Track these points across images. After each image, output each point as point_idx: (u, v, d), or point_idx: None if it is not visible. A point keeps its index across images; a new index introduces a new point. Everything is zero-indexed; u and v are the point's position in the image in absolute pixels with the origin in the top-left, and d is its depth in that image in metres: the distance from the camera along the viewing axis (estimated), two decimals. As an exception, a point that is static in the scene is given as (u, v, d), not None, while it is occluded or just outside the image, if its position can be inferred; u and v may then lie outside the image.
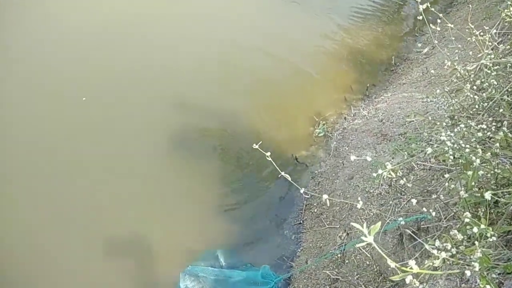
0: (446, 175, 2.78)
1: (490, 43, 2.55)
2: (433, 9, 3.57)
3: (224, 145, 4.75)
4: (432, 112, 4.07)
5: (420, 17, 2.62)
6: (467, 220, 1.70)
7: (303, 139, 4.83)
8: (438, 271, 1.59)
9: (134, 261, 3.90)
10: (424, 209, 2.88)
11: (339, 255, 3.53)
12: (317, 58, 5.71)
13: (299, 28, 6.13)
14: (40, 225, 4.06)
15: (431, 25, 3.17)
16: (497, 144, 2.00)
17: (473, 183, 1.92)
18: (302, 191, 2.58)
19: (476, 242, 1.61)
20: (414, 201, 2.04)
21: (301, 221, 4.01)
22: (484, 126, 2.25)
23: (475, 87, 2.47)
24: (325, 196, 2.63)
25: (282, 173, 2.65)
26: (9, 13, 6.05)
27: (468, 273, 1.54)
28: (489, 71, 2.48)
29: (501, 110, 2.38)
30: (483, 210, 1.92)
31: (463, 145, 2.08)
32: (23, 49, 5.64)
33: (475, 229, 1.64)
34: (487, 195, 1.75)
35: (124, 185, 4.38)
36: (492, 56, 2.54)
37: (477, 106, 2.56)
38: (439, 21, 2.63)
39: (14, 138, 4.70)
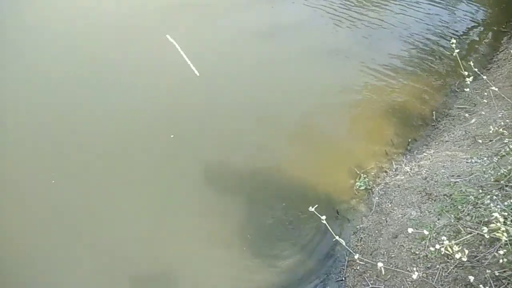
0: (501, 252, 2.79)
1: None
2: (473, 66, 3.71)
3: (260, 194, 4.81)
4: (478, 174, 4.07)
5: (464, 73, 2.72)
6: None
7: (343, 191, 4.86)
8: None
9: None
10: (472, 277, 2.87)
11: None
12: (357, 109, 5.84)
13: (340, 78, 6.31)
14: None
15: (471, 80, 3.27)
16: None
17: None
18: (356, 257, 2.65)
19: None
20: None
21: (343, 278, 4.00)
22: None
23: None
24: (380, 264, 2.68)
25: (337, 237, 2.73)
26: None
27: None
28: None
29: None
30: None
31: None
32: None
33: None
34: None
35: (154, 222, 4.57)
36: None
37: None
38: (480, 77, 2.72)
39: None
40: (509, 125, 4.46)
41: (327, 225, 2.63)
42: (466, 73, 3.29)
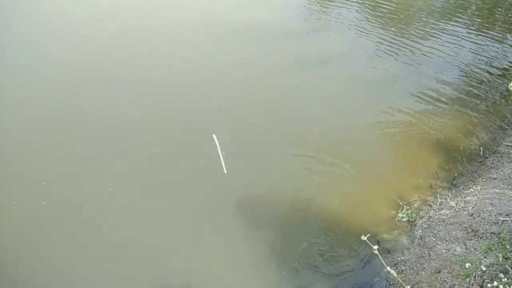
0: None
1: None
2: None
3: (299, 222, 4.78)
4: (529, 214, 3.97)
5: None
6: None
7: (385, 221, 4.84)
8: None
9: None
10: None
11: None
12: (402, 140, 5.86)
13: (387, 108, 6.36)
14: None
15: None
16: None
17: None
18: None
19: None
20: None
21: (384, 310, 3.96)
22: None
23: None
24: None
25: (388, 268, 2.76)
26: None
27: None
28: None
29: None
30: None
31: None
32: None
33: None
34: None
35: (187, 244, 4.57)
36: None
37: None
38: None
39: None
40: None
41: (378, 255, 2.68)
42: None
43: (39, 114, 6.28)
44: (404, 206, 4.89)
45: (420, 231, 4.52)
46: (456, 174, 5.23)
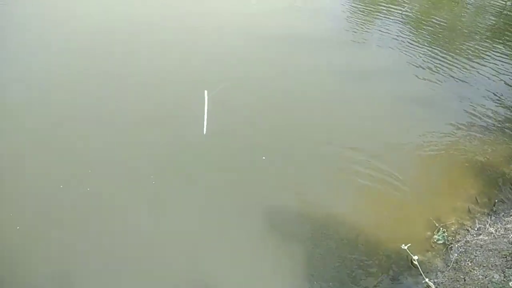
0: None
1: None
2: None
3: (331, 237, 4.76)
4: None
5: None
6: None
7: (419, 242, 4.76)
8: None
9: None
10: None
11: None
12: (442, 160, 5.77)
13: (427, 127, 6.28)
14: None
15: None
16: None
17: None
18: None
19: None
20: None
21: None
22: None
23: None
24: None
25: (426, 280, 2.76)
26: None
27: None
28: None
29: None
30: None
31: None
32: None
33: None
34: None
35: (213, 257, 4.55)
36: None
37: None
38: None
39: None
40: None
41: (418, 266, 2.70)
42: None
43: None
44: (441, 228, 4.82)
45: (456, 255, 4.45)
46: (496, 200, 5.11)
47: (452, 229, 4.86)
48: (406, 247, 2.42)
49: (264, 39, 8.50)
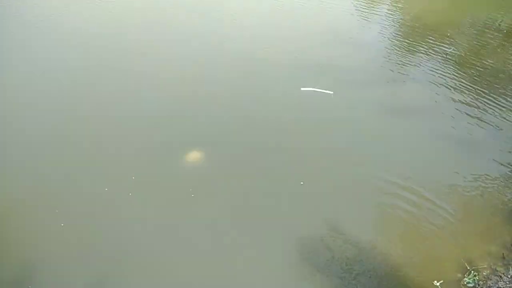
0: None
1: None
2: None
3: (357, 264, 4.87)
4: None
5: None
6: None
7: (449, 283, 4.77)
8: None
9: None
10: None
11: None
12: (477, 204, 5.73)
13: (465, 170, 6.26)
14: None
15: None
16: None
17: None
18: None
19: None
20: None
21: None
22: None
23: None
24: None
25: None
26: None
27: None
28: None
29: None
30: None
31: None
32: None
33: None
34: None
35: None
36: None
37: None
38: None
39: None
40: None
41: None
42: None
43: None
44: (472, 271, 4.81)
45: (486, 300, 4.43)
46: (533, 250, 5.04)
47: (484, 273, 4.83)
48: (438, 284, 2.51)
49: (303, 68, 8.81)
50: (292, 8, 12.21)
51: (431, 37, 10.49)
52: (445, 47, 10.01)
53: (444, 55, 9.61)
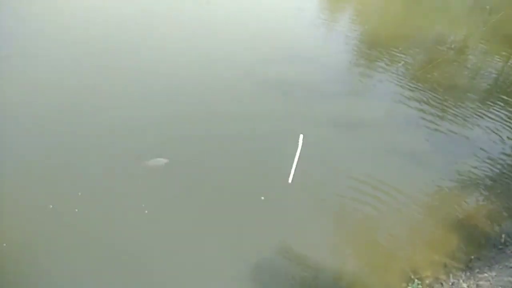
0: None
1: None
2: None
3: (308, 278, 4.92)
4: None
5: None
6: None
7: (392, 292, 4.88)
8: None
9: None
10: None
11: None
12: (424, 214, 5.91)
13: (410, 182, 6.44)
14: None
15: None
16: None
17: None
18: None
19: None
20: None
21: None
22: None
23: None
24: None
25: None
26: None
27: None
28: None
29: None
30: None
31: None
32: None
33: None
34: None
35: None
36: None
37: None
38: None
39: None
40: None
41: None
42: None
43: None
44: (416, 280, 4.91)
45: (427, 307, 4.51)
46: (473, 257, 5.22)
47: (427, 282, 4.95)
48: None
49: (260, 83, 8.86)
50: (256, 27, 12.35)
51: (390, 51, 10.89)
52: (403, 59, 10.39)
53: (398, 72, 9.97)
